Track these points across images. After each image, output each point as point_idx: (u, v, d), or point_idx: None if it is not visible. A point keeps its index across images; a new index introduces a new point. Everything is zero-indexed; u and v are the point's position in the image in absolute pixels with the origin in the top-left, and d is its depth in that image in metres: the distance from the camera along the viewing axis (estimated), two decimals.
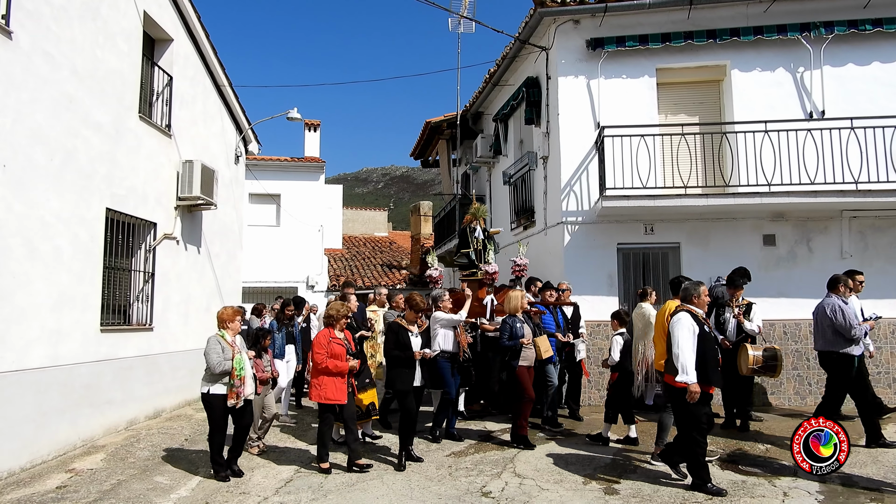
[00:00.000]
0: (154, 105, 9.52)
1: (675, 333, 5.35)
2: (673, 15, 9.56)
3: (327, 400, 6.08)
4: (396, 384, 6.39)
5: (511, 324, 7.02)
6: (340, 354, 6.11)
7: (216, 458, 5.98)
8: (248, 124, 12.61)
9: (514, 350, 6.96)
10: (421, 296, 6.84)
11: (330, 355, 6.07)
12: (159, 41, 9.79)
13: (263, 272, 17.55)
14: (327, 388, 6.08)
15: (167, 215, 9.51)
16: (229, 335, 5.98)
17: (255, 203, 18.11)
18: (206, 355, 5.82)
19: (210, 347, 5.83)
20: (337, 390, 6.09)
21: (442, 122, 15.80)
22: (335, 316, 6.28)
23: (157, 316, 9.11)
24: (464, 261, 8.63)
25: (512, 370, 6.99)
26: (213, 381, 5.86)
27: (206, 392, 5.86)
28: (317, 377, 6.15)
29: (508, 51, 11.45)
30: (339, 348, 6.13)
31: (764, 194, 8.73)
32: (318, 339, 6.20)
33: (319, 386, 6.10)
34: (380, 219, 28.95)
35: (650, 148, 8.99)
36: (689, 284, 5.65)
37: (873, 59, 9.38)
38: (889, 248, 9.19)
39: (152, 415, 8.89)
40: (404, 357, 6.32)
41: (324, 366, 6.04)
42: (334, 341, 6.14)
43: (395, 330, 6.46)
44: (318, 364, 6.07)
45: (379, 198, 76.41)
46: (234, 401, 5.78)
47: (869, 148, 8.69)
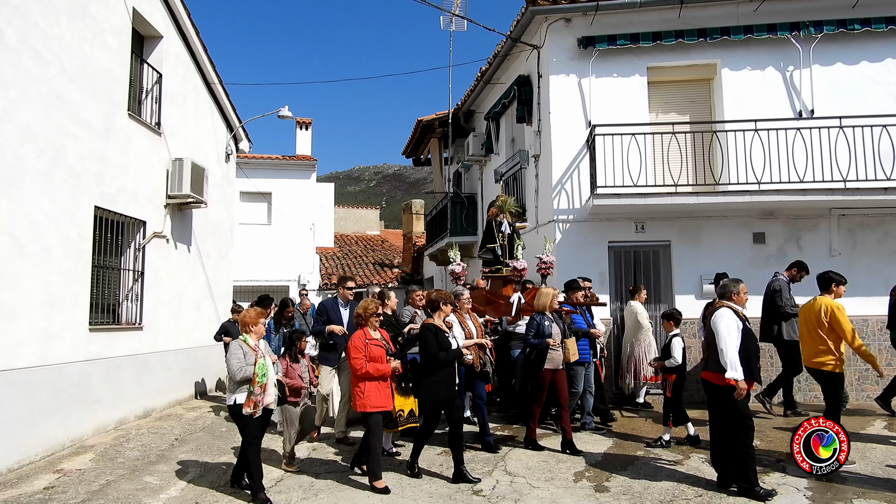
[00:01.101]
0: (144, 103, 9.46)
1: (718, 329, 5.21)
2: (664, 14, 9.59)
3: (373, 408, 5.53)
4: (441, 392, 5.71)
5: (539, 321, 6.62)
6: (380, 356, 5.59)
7: (253, 474, 5.39)
8: (239, 122, 12.56)
9: (539, 350, 6.58)
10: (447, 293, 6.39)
11: (369, 358, 5.52)
12: (149, 38, 9.72)
13: (255, 271, 17.50)
14: (371, 394, 5.53)
15: (157, 214, 9.45)
16: (252, 339, 5.51)
17: (247, 201, 18.05)
18: (227, 361, 5.45)
19: (232, 353, 5.41)
20: (382, 396, 5.57)
21: (434, 120, 15.80)
22: (363, 315, 5.74)
23: (146, 315, 9.06)
24: (489, 256, 8.17)
25: (536, 371, 6.61)
26: (238, 389, 5.37)
27: (234, 402, 5.36)
28: (357, 384, 5.57)
29: (500, 49, 11.45)
30: (378, 350, 5.60)
31: (754, 192, 8.78)
32: (354, 342, 5.62)
33: (362, 394, 5.53)
34: (372, 217, 28.91)
35: (641, 146, 9.02)
36: (729, 281, 5.54)
37: (862, 58, 9.44)
38: (877, 245, 9.26)
39: (142, 414, 8.84)
40: (445, 362, 5.71)
41: (364, 371, 5.49)
42: (371, 343, 5.61)
43: (433, 331, 5.81)
44: (358, 369, 5.52)
45: (371, 196, 76.29)
46: (249, 409, 5.26)
47: (857, 147, 8.75)
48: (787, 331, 7.95)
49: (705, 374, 5.43)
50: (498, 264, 8.02)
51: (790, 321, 7.90)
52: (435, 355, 5.67)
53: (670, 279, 9.51)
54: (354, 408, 5.73)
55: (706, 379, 5.41)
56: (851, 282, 9.01)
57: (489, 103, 13.15)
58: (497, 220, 8.21)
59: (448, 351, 5.73)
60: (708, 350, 5.45)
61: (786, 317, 7.96)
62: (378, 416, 5.59)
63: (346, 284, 7.52)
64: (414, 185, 76.35)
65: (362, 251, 23.36)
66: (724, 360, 5.10)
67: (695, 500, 5.17)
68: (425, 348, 5.74)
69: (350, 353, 5.62)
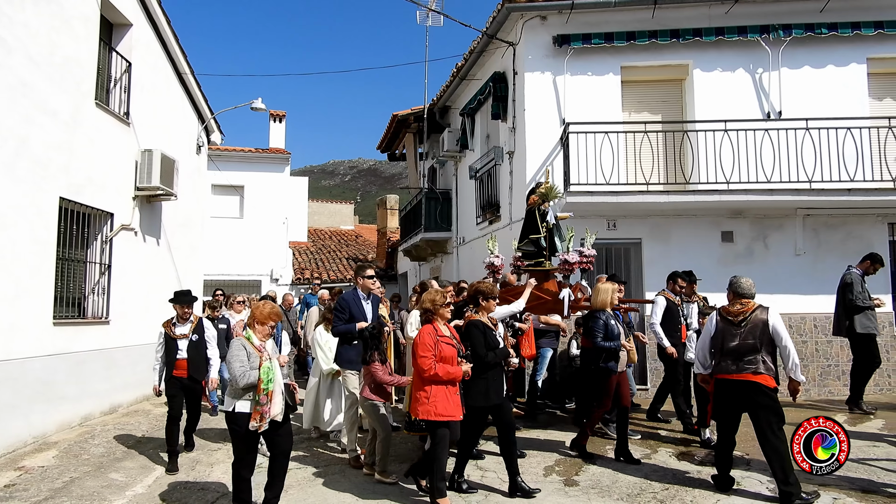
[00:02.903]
0: (112, 92, 9.26)
1: (779, 330, 5.03)
2: (638, 14, 9.69)
3: (439, 416, 4.83)
4: (491, 396, 5.20)
5: (605, 320, 6.16)
6: (452, 357, 4.90)
7: (240, 497, 4.72)
8: (211, 114, 12.37)
9: (609, 352, 6.13)
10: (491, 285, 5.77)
11: (438, 358, 4.85)
12: (118, 26, 9.51)
13: (226, 265, 17.27)
14: (439, 400, 4.84)
15: (125, 206, 9.27)
16: (257, 338, 4.76)
17: (219, 194, 17.80)
18: (228, 363, 4.69)
19: (233, 354, 4.66)
20: (450, 403, 4.89)
21: (409, 115, 15.74)
22: (432, 307, 5.04)
23: (114, 309, 8.88)
24: (530, 248, 7.50)
25: (607, 375, 6.15)
26: (238, 395, 4.63)
27: (232, 410, 4.64)
28: (423, 388, 4.89)
29: (476, 45, 11.46)
30: (450, 349, 4.92)
31: (723, 192, 8.94)
32: (423, 338, 4.92)
33: (428, 399, 4.84)
34: (346, 212, 28.75)
35: (614, 145, 9.11)
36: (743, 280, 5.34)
37: (828, 61, 9.66)
38: (840, 245, 9.49)
39: (108, 410, 8.68)
40: (494, 363, 5.23)
41: (433, 372, 4.82)
42: (442, 340, 4.92)
43: (481, 329, 5.28)
44: (425, 371, 4.85)
45: (346, 191, 75.78)
46: (256, 423, 4.53)
47: (822, 148, 8.96)
48: (862, 323, 7.76)
49: (755, 377, 5.07)
50: (540, 257, 7.34)
51: (864, 314, 7.76)
52: (484, 356, 5.14)
53: (641, 276, 9.64)
54: (415, 414, 5.01)
55: (755, 381, 5.06)
56: (815, 280, 9.31)
57: (465, 99, 13.16)
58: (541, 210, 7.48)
59: (496, 351, 5.25)
60: (754, 352, 5.09)
61: (857, 310, 7.78)
62: (446, 426, 4.92)
63: (365, 273, 6.55)
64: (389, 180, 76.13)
65: (336, 246, 23.21)
66: (795, 362, 5.02)
67: (661, 492, 5.26)
68: (473, 348, 5.19)
69: (417, 350, 4.91)
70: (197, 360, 6.44)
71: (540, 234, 7.29)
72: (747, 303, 5.23)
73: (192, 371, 6.39)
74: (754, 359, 5.08)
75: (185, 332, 6.50)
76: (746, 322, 5.15)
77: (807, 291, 9.31)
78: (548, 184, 7.55)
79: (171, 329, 6.49)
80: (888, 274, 9.44)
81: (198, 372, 6.46)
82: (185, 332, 6.50)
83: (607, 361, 6.16)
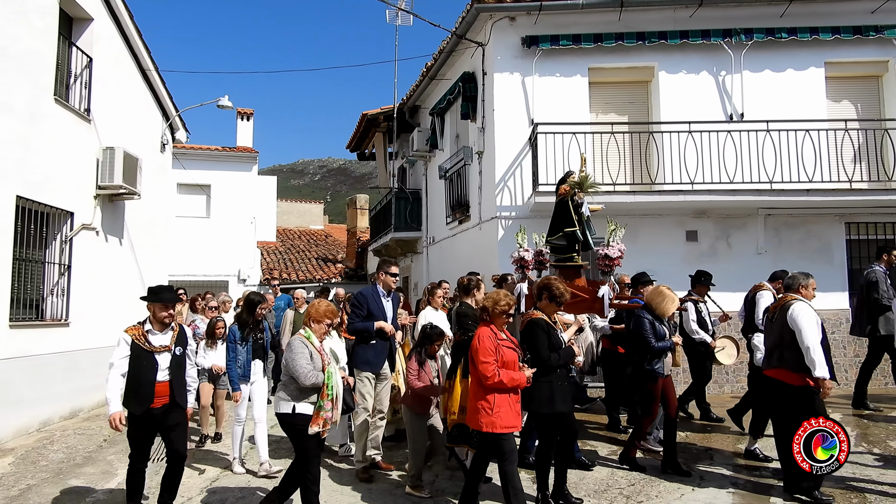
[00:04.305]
0: (72, 88, 9.02)
1: (800, 325, 4.80)
2: (605, 16, 9.81)
3: (504, 428, 4.39)
4: (557, 403, 4.80)
5: (651, 320, 5.77)
6: (513, 362, 4.49)
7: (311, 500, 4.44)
8: (176, 111, 12.14)
9: (656, 353, 5.74)
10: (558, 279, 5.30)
11: (500, 364, 4.43)
12: (78, 20, 9.27)
13: (192, 265, 16.95)
14: (502, 411, 4.40)
15: (86, 205, 9.04)
16: (317, 338, 4.53)
17: (184, 193, 17.47)
18: (291, 361, 4.38)
19: (297, 351, 4.37)
20: (513, 413, 4.46)
21: (379, 114, 15.68)
22: (492, 308, 4.56)
23: (74, 310, 8.66)
24: (562, 243, 6.91)
25: (654, 379, 5.76)
26: (299, 396, 4.36)
27: (291, 411, 4.38)
28: (484, 396, 4.44)
29: (445, 45, 11.47)
30: (511, 353, 4.50)
31: (687, 192, 9.10)
32: (483, 342, 4.45)
33: (490, 409, 4.40)
34: (316, 211, 28.50)
35: (582, 145, 9.21)
36: (798, 274, 5.21)
37: (788, 65, 9.91)
38: (800, 244, 9.75)
39: (68, 415, 8.45)
40: (557, 366, 4.82)
41: (497, 380, 4.37)
42: (503, 344, 4.49)
43: (544, 329, 4.85)
44: (488, 377, 4.38)
45: (315, 190, 75.15)
46: (318, 428, 4.36)
47: (782, 149, 9.20)
48: (886, 325, 7.43)
49: (773, 372, 5.04)
50: (572, 252, 6.82)
51: (886, 315, 7.43)
52: (547, 359, 4.73)
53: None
54: (477, 426, 4.50)
55: (774, 378, 5.01)
56: None
57: (434, 99, 13.16)
58: (574, 201, 6.88)
59: (559, 352, 4.83)
60: (780, 348, 5.01)
61: (882, 309, 7.44)
62: (513, 439, 4.52)
63: (389, 269, 5.96)
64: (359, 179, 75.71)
65: (305, 246, 23.00)
66: (811, 359, 4.74)
67: (627, 488, 5.33)
68: (536, 350, 4.80)
69: (477, 356, 4.45)
70: (180, 382, 4.70)
71: (575, 226, 6.76)
72: (784, 296, 5.14)
73: (178, 398, 4.64)
74: (779, 354, 5.00)
75: (167, 342, 4.66)
76: (775, 316, 5.09)
77: None
78: (583, 173, 7.00)
79: (142, 338, 4.60)
80: (844, 272, 9.73)
81: (183, 398, 4.71)
82: (167, 342, 4.66)
83: (653, 364, 5.73)
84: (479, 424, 4.42)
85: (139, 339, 4.56)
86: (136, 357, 4.51)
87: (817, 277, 9.28)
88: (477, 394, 4.50)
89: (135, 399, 4.49)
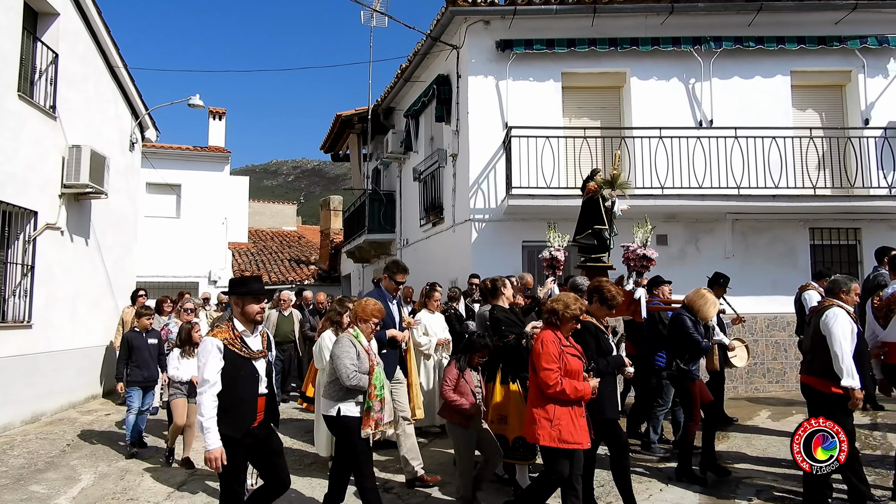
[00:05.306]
0: (37, 84, 8.80)
1: (832, 332, 4.62)
2: (578, 22, 9.91)
3: (565, 443, 4.04)
4: (606, 409, 4.56)
5: (695, 320, 5.58)
6: (578, 371, 4.15)
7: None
8: (146, 109, 11.93)
9: (695, 354, 5.57)
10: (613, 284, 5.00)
11: (565, 372, 4.09)
12: (43, 15, 9.05)
13: (162, 266, 16.66)
14: (564, 423, 4.05)
15: (51, 204, 8.82)
16: (364, 338, 4.31)
17: (154, 193, 17.16)
18: (337, 359, 4.19)
19: (342, 349, 4.17)
20: (576, 426, 4.09)
21: (353, 115, 15.61)
22: (562, 312, 4.19)
23: (37, 312, 8.43)
24: (591, 242, 6.68)
25: (692, 380, 5.58)
26: (343, 397, 4.15)
27: (337, 413, 4.18)
28: (543, 406, 4.10)
29: (420, 47, 11.47)
30: (576, 361, 4.18)
31: (657, 196, 9.24)
32: (546, 347, 4.11)
33: (550, 421, 4.05)
34: (289, 212, 28.24)
35: (554, 149, 9.29)
36: (841, 278, 4.99)
37: (755, 73, 10.13)
38: (766, 248, 9.96)
39: (30, 419, 8.23)
40: (607, 373, 4.59)
41: (559, 388, 4.03)
42: (567, 351, 4.17)
43: (593, 332, 4.61)
44: (551, 386, 4.04)
45: (289, 191, 74.44)
46: (370, 430, 4.15)
47: (750, 156, 9.39)
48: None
49: (806, 378, 4.92)
50: (602, 251, 6.59)
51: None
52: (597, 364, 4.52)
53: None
54: (534, 439, 4.11)
55: (809, 384, 4.90)
56: (743, 282, 9.70)
57: (409, 101, 13.15)
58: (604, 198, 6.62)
59: (608, 358, 4.61)
60: (811, 352, 4.90)
61: None
62: (580, 454, 4.18)
63: (395, 276, 5.58)
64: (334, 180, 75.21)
65: (278, 247, 22.77)
66: (839, 367, 4.58)
67: (597, 489, 5.37)
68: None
69: (539, 361, 4.11)
70: (274, 395, 3.96)
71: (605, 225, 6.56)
72: (823, 301, 5.04)
73: (274, 415, 3.94)
74: (811, 358, 4.91)
75: (260, 346, 3.86)
76: (811, 320, 5.02)
77: (736, 293, 9.61)
78: (615, 170, 6.77)
79: (237, 342, 3.72)
80: (809, 276, 9.95)
81: (277, 415, 3.99)
82: (260, 346, 3.86)
83: (690, 364, 5.54)
84: (537, 437, 4.07)
85: (233, 345, 3.69)
86: (231, 367, 3.65)
87: (782, 281, 9.69)
88: (535, 402, 4.17)
89: (232, 420, 3.63)
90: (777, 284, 9.66)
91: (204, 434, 3.55)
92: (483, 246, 9.72)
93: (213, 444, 3.53)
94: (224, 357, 3.63)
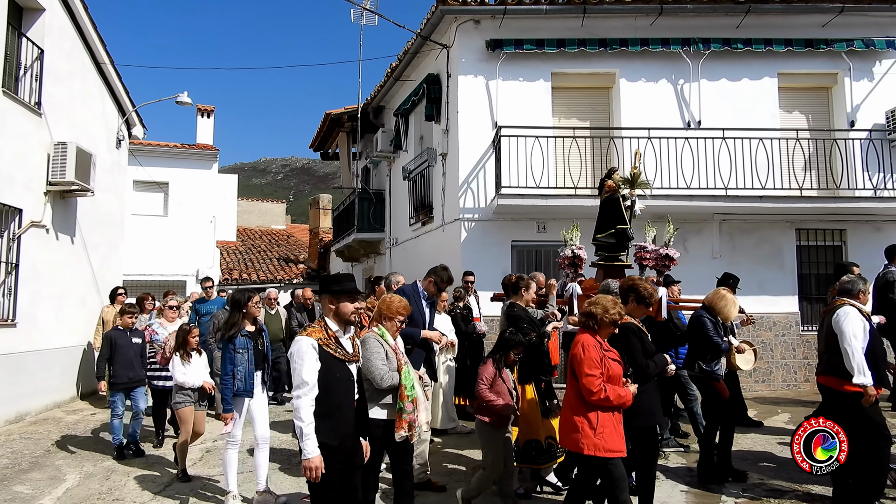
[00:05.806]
0: (22, 80, 8.71)
1: (843, 330, 4.64)
2: (568, 22, 9.94)
3: (609, 452, 3.88)
4: (655, 414, 4.52)
5: (715, 321, 5.51)
6: (619, 376, 4.03)
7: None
8: (133, 106, 11.83)
9: (716, 353, 5.49)
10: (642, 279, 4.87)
11: (606, 378, 3.95)
12: (29, 10, 8.95)
13: (149, 264, 16.52)
14: (608, 431, 3.90)
15: (36, 201, 8.73)
16: (390, 336, 4.15)
17: (141, 191, 17.02)
18: (366, 361, 3.96)
19: (371, 350, 3.98)
20: (618, 434, 3.96)
21: (343, 114, 15.56)
22: (601, 317, 4.03)
23: (22, 311, 8.35)
24: (611, 241, 6.55)
25: (716, 380, 5.50)
26: (373, 398, 3.98)
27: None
28: (585, 413, 3.93)
29: (410, 46, 11.45)
30: (617, 367, 4.05)
31: (646, 197, 9.26)
32: (588, 352, 3.96)
33: (593, 429, 3.89)
34: (278, 211, 28.11)
35: (544, 149, 9.31)
36: (856, 278, 5.02)
37: (743, 75, 10.20)
38: (753, 248, 10.03)
39: (14, 419, 8.14)
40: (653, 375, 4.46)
41: (603, 395, 3.88)
42: (609, 356, 4.04)
43: (637, 334, 4.46)
44: (594, 392, 3.88)
45: (278, 189, 74.18)
46: (404, 432, 3.97)
47: (737, 157, 9.45)
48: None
49: (822, 378, 4.91)
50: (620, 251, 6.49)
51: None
52: (646, 367, 4.34)
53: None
54: (576, 448, 3.93)
55: (824, 384, 4.88)
56: None
57: (399, 100, 13.12)
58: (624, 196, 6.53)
59: (655, 359, 4.46)
60: (826, 352, 4.88)
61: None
62: (621, 464, 3.97)
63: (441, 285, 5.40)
64: (323, 179, 74.99)
65: (266, 246, 22.66)
66: (850, 365, 4.58)
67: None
68: (632, 357, 4.34)
69: (581, 367, 3.94)
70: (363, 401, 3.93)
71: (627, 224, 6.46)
72: (834, 301, 5.01)
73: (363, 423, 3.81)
74: (826, 359, 4.88)
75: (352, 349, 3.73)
76: (824, 320, 5.00)
77: None
78: (636, 169, 6.64)
79: (332, 342, 3.50)
80: (795, 276, 10.06)
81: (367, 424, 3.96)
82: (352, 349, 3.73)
83: (712, 365, 5.47)
84: (580, 446, 3.88)
85: (328, 345, 3.44)
86: (327, 369, 3.40)
87: (769, 282, 9.78)
88: (577, 409, 3.97)
89: (329, 426, 3.38)
90: (763, 285, 9.74)
91: (301, 441, 3.31)
92: (472, 245, 9.72)
93: (312, 451, 3.29)
94: (320, 358, 3.40)
